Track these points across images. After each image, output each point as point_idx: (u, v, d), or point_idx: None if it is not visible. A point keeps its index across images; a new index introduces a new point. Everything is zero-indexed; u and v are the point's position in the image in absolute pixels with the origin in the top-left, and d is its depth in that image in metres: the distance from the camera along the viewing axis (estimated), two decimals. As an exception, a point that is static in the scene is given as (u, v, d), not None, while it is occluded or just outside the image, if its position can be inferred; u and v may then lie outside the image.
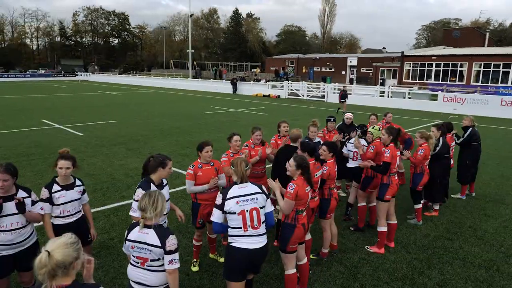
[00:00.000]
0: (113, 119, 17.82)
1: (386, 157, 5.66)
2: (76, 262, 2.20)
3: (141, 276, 3.20)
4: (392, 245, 6.00)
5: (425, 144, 6.64)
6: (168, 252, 3.09)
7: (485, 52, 39.16)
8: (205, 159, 5.06)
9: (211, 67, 65.82)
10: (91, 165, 9.90)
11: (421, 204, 6.93)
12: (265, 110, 23.45)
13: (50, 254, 2.11)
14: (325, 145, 5.20)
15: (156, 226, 3.15)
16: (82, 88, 40.90)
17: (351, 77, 56.26)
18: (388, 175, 5.75)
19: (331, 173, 5.12)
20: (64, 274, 2.14)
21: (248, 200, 3.72)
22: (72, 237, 2.25)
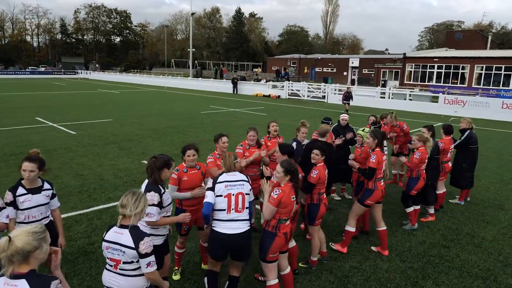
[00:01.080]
0: (109, 118, 17.59)
1: (372, 163, 5.43)
2: (36, 252, 2.21)
3: (113, 280, 3.11)
4: (386, 253, 5.75)
5: (422, 148, 6.40)
6: (144, 255, 3.00)
7: (487, 55, 38.84)
8: (188, 163, 4.78)
9: (212, 66, 65.61)
10: (80, 165, 9.67)
11: (413, 208, 6.68)
12: (264, 110, 23.21)
13: (11, 240, 2.16)
14: (317, 149, 4.95)
15: (132, 226, 3.05)
16: (81, 86, 40.73)
17: (353, 78, 56.01)
18: (373, 180, 5.51)
19: (321, 177, 4.87)
20: (22, 262, 2.17)
21: (235, 185, 4.02)
22: (38, 226, 2.28)
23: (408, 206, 6.65)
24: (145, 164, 9.89)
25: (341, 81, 52.54)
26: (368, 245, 6.05)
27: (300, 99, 31.75)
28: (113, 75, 57.59)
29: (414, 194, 6.61)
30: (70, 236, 5.87)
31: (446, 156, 7.48)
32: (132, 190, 3.20)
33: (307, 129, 6.40)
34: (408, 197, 6.65)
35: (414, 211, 6.70)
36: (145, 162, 10.12)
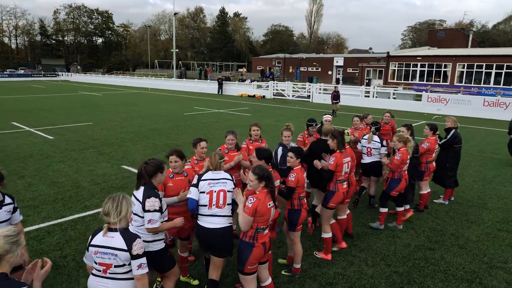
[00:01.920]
0: (89, 121, 17.13)
1: (330, 165, 5.31)
2: (8, 255, 2.21)
3: (102, 285, 3.04)
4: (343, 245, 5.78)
5: (403, 148, 6.29)
6: (136, 256, 2.99)
7: (469, 53, 39.46)
8: (172, 169, 4.55)
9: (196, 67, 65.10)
10: (56, 172, 9.31)
11: (387, 208, 6.62)
12: (249, 111, 23.01)
13: None
14: (291, 151, 4.79)
15: (122, 229, 3.04)
16: (61, 88, 39.81)
17: (337, 77, 56.26)
18: (334, 182, 5.38)
19: (300, 180, 4.69)
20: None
21: (218, 183, 4.13)
22: (11, 230, 2.30)
23: (384, 206, 6.58)
24: (124, 169, 9.68)
25: (326, 80, 52.73)
26: (353, 249, 5.91)
27: (285, 99, 31.65)
28: (95, 77, 56.51)
29: (395, 195, 6.51)
30: (42, 249, 5.58)
31: (431, 155, 7.41)
32: (111, 196, 3.13)
33: (291, 132, 6.18)
34: (387, 198, 6.55)
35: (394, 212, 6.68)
36: (125, 167, 9.86)
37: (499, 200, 8.20)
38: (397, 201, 6.68)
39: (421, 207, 7.51)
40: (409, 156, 6.35)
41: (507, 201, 8.15)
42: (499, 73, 36.27)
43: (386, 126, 8.74)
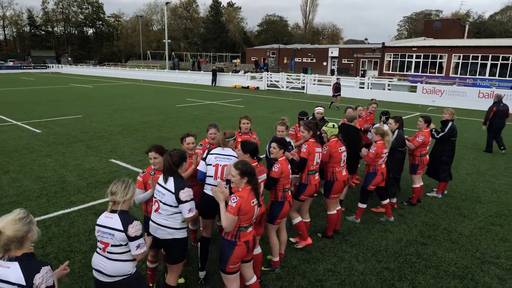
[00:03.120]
0: (78, 114, 16.82)
1: (302, 152, 5.16)
2: (29, 235, 2.38)
3: (100, 263, 3.26)
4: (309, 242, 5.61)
5: (379, 141, 6.13)
6: (134, 238, 3.16)
7: (464, 44, 39.26)
8: (153, 166, 4.37)
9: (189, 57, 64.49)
10: (42, 167, 9.09)
11: (366, 204, 6.51)
12: (242, 102, 22.79)
13: (1, 232, 2.28)
14: (274, 142, 4.64)
15: (121, 211, 3.20)
16: (52, 81, 39.24)
17: (332, 68, 56.01)
18: (306, 174, 5.23)
19: (284, 171, 4.54)
20: (18, 247, 2.33)
21: (224, 158, 4.51)
22: (20, 212, 2.42)
23: (362, 202, 6.48)
24: (113, 163, 9.48)
25: (321, 71, 52.45)
26: (344, 244, 5.80)
27: (279, 90, 31.43)
28: (86, 69, 55.80)
29: (372, 189, 6.38)
30: (22, 247, 5.39)
31: (425, 149, 7.27)
32: (122, 179, 3.33)
33: (285, 126, 5.96)
34: (366, 193, 6.44)
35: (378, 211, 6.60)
36: (113, 161, 9.66)
37: (492, 194, 8.12)
38: (381, 195, 6.56)
39: (414, 201, 7.40)
40: (386, 150, 6.18)
41: (501, 195, 8.07)
42: (494, 64, 36.19)
43: (372, 116, 8.66)
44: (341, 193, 5.96)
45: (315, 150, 5.24)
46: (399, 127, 6.87)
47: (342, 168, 5.67)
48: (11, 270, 2.29)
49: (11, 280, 2.28)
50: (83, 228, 6.05)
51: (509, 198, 7.89)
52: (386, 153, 6.20)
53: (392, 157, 6.75)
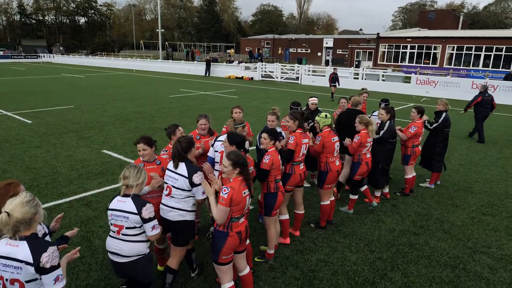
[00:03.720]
0: (70, 104, 16.62)
1: (290, 144, 5.08)
2: (36, 216, 2.50)
3: (115, 246, 3.40)
4: (297, 234, 5.70)
5: (363, 131, 6.09)
6: (148, 220, 3.31)
7: (459, 35, 39.27)
8: (142, 158, 4.29)
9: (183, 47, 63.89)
10: (33, 158, 8.97)
11: (357, 195, 6.53)
12: (236, 93, 22.66)
13: (10, 214, 2.41)
14: (265, 133, 4.58)
15: (134, 195, 3.35)
16: (43, 70, 38.73)
17: (327, 58, 55.87)
18: (291, 164, 5.18)
19: (274, 162, 4.49)
20: (26, 228, 2.47)
21: None
22: (27, 195, 2.52)
23: (354, 194, 6.49)
24: (105, 154, 9.39)
25: (315, 62, 52.33)
26: (337, 235, 5.81)
27: (273, 80, 31.30)
28: (78, 59, 55.09)
29: (358, 179, 6.36)
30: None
31: (418, 139, 7.26)
32: (134, 165, 3.50)
33: (276, 116, 5.90)
34: (354, 183, 6.43)
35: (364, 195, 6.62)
36: (105, 152, 9.57)
37: (484, 184, 8.16)
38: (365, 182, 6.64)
39: (407, 191, 7.42)
40: (370, 139, 6.15)
41: (492, 185, 8.11)
42: (488, 55, 36.29)
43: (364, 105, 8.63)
44: (335, 183, 5.93)
45: (302, 142, 5.18)
46: (390, 118, 6.84)
47: (336, 158, 5.65)
48: (19, 248, 2.42)
49: (19, 257, 2.41)
50: (75, 219, 5.99)
51: (501, 188, 7.94)
52: (370, 142, 6.18)
53: (382, 148, 6.75)
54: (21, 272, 2.43)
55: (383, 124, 6.74)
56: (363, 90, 8.85)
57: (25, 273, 2.43)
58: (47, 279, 2.46)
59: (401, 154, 7.48)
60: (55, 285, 2.49)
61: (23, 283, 2.46)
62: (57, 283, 2.49)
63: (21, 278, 2.45)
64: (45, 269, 2.43)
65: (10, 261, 2.43)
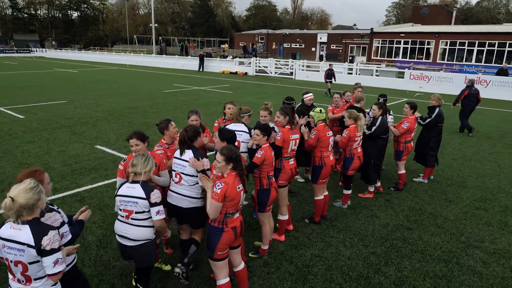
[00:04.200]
0: (63, 99, 16.46)
1: (277, 140, 5.05)
2: (39, 202, 2.60)
3: (124, 230, 3.60)
4: (290, 228, 5.69)
5: (352, 125, 6.10)
6: (154, 204, 3.50)
7: (452, 30, 39.42)
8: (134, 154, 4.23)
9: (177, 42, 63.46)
10: (25, 153, 8.88)
11: (350, 190, 6.54)
12: (230, 88, 22.59)
13: (14, 200, 2.51)
14: (257, 129, 4.54)
15: (143, 182, 3.54)
16: (36, 65, 38.30)
17: (321, 53, 55.83)
18: (280, 160, 5.15)
19: (267, 158, 4.47)
20: (29, 213, 2.57)
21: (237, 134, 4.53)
22: (31, 182, 2.61)
23: (347, 189, 6.51)
24: (98, 149, 9.32)
25: (309, 57, 52.28)
26: (331, 230, 5.82)
27: (267, 75, 31.23)
28: (71, 53, 54.52)
29: (352, 174, 6.37)
30: (4, 235, 5.27)
31: (410, 135, 7.28)
32: (142, 153, 3.70)
33: (268, 111, 5.87)
34: (347, 178, 6.43)
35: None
36: (98, 147, 9.49)
37: (477, 178, 8.22)
38: None
39: (401, 186, 7.45)
40: (359, 133, 6.16)
41: (485, 179, 8.18)
42: (481, 50, 36.49)
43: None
44: (328, 178, 5.92)
45: (290, 138, 5.13)
46: (382, 113, 6.85)
47: (330, 153, 5.65)
48: (22, 232, 2.54)
49: (21, 240, 2.52)
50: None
51: (493, 182, 8.00)
52: (359, 137, 6.19)
53: (374, 144, 6.77)
54: (24, 254, 2.54)
55: (375, 120, 6.75)
56: (356, 85, 8.85)
57: (27, 255, 2.53)
58: (47, 261, 2.56)
59: (393, 149, 7.50)
60: (54, 268, 2.58)
61: (26, 265, 2.57)
62: (56, 266, 2.58)
63: (24, 260, 2.55)
64: (45, 251, 2.53)
65: (13, 244, 2.55)
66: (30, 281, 2.63)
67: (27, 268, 2.59)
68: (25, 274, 2.61)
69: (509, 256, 5.22)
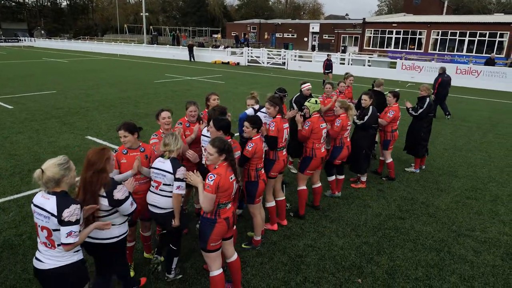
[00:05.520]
0: (52, 90, 16.19)
1: (271, 131, 4.98)
2: (65, 178, 2.88)
3: (154, 199, 4.00)
4: (284, 223, 5.63)
5: (343, 115, 6.09)
6: (177, 179, 3.82)
7: (443, 20, 39.47)
8: (125, 145, 4.17)
9: (168, 32, 62.70)
10: (14, 144, 8.74)
11: (334, 177, 6.53)
12: (222, 78, 22.42)
13: (43, 171, 2.82)
14: (247, 121, 4.47)
15: (173, 158, 3.92)
16: (24, 55, 37.59)
17: (313, 44, 55.63)
18: (274, 151, 5.11)
19: (258, 151, 4.43)
20: (55, 186, 2.86)
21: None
22: (62, 159, 2.91)
23: (330, 175, 6.50)
24: (89, 140, 9.20)
25: (302, 47, 52.03)
26: (324, 220, 5.83)
27: (259, 66, 31.06)
28: (61, 43, 53.58)
29: (338, 163, 6.37)
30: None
31: (396, 124, 7.30)
32: (171, 133, 4.04)
33: (254, 100, 5.82)
34: (332, 166, 6.44)
35: (336, 180, 6.58)
36: (89, 138, 9.38)
37: (468, 168, 8.29)
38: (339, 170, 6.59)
39: (392, 175, 7.50)
40: (350, 122, 6.16)
41: (476, 169, 8.25)
42: (472, 40, 36.64)
43: (349, 89, 8.65)
44: (319, 170, 5.87)
45: (283, 127, 5.10)
46: (373, 103, 6.86)
47: (322, 145, 5.61)
48: (49, 201, 2.83)
49: (47, 208, 2.81)
50: (59, 207, 5.87)
51: (484, 172, 8.08)
52: (349, 125, 6.20)
53: (366, 134, 6.79)
54: (49, 221, 2.83)
55: (367, 110, 6.75)
56: (347, 75, 8.85)
57: (51, 222, 2.82)
58: (62, 231, 2.81)
59: (380, 139, 7.52)
60: (67, 239, 2.81)
61: (51, 231, 2.85)
62: (68, 238, 2.82)
63: (49, 226, 2.84)
64: (64, 222, 2.79)
65: (41, 211, 2.85)
66: (54, 246, 2.91)
67: (51, 234, 2.86)
68: (49, 238, 2.89)
69: (500, 244, 5.29)
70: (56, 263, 2.91)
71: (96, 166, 3.18)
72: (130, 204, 3.30)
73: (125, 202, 3.26)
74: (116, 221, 3.33)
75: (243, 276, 4.34)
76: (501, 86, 21.43)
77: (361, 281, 4.43)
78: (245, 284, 4.28)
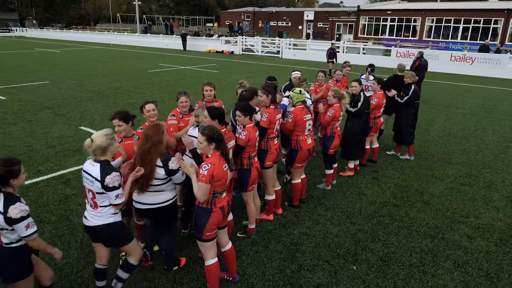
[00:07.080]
0: (45, 80, 16.01)
1: (263, 122, 4.86)
2: (110, 147, 3.33)
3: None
4: (279, 212, 5.64)
5: (336, 104, 6.01)
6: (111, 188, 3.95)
7: (438, 7, 39.25)
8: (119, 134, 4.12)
9: (162, 21, 61.98)
10: (7, 135, 8.65)
11: (332, 169, 6.48)
12: (217, 67, 22.26)
13: (93, 140, 3.27)
14: (238, 109, 4.40)
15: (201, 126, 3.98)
16: (16, 45, 37.07)
17: (308, 32, 55.25)
18: (265, 140, 5.01)
19: (251, 139, 4.39)
20: (101, 154, 3.32)
21: None
22: (108, 131, 3.36)
23: (329, 168, 6.44)
24: (82, 130, 9.13)
25: (296, 35, 51.67)
26: (319, 208, 5.85)
27: (254, 54, 30.85)
28: (53, 33, 52.82)
29: (332, 153, 6.32)
30: (-12, 220, 5.17)
31: (380, 111, 7.30)
32: (201, 106, 4.50)
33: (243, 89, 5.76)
34: (330, 158, 6.38)
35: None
36: (83, 128, 9.31)
37: (462, 155, 8.33)
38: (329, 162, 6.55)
39: (374, 158, 7.67)
40: (342, 112, 6.11)
41: (470, 156, 8.29)
42: (466, 27, 36.52)
43: (345, 78, 8.63)
44: (306, 161, 5.74)
45: (276, 118, 4.99)
46: (362, 89, 6.85)
47: (307, 137, 5.45)
48: (95, 168, 3.29)
49: (93, 174, 3.28)
50: (52, 197, 5.84)
51: (478, 159, 8.12)
52: (341, 115, 6.14)
53: (359, 120, 6.80)
54: (93, 185, 3.29)
55: (359, 96, 6.72)
56: (345, 63, 8.81)
57: (96, 186, 3.28)
58: (111, 195, 3.31)
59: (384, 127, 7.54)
60: (116, 200, 3.34)
61: (95, 194, 3.33)
62: (117, 199, 3.35)
63: (94, 189, 3.31)
64: (108, 187, 3.27)
65: (89, 176, 3.31)
66: (97, 206, 3.39)
67: (95, 196, 3.34)
68: (93, 200, 3.36)
69: (493, 230, 5.34)
70: (97, 222, 3.41)
71: (154, 138, 3.55)
72: (181, 173, 3.67)
73: (178, 172, 3.64)
74: (168, 188, 3.75)
75: (238, 264, 4.36)
76: (495, 73, 21.46)
77: (356, 268, 4.46)
78: (240, 272, 4.30)
